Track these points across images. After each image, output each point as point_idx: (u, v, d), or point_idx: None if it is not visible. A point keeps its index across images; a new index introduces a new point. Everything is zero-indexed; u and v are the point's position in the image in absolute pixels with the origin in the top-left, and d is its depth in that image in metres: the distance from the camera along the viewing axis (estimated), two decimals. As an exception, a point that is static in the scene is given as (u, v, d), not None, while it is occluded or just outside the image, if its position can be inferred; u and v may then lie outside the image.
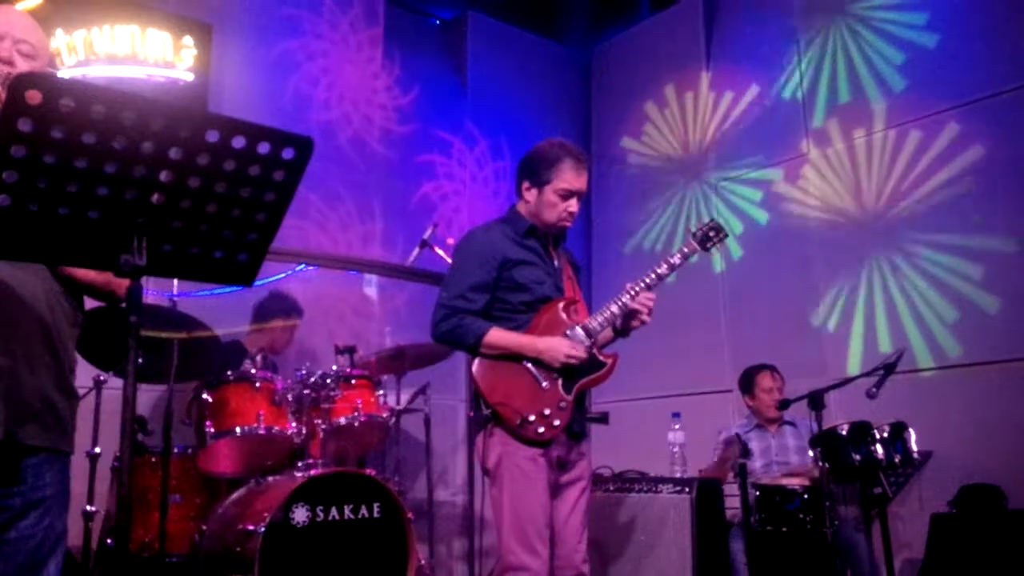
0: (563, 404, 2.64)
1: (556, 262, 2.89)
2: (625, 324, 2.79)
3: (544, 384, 2.64)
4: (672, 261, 2.84)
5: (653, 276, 2.79)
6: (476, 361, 2.69)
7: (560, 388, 2.65)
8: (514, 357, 2.66)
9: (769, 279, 5.28)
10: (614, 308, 2.75)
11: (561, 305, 2.78)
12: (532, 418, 2.59)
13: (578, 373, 2.68)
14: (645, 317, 2.76)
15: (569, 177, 2.76)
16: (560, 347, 2.64)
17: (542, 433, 2.59)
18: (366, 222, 5.37)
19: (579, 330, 2.71)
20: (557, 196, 2.77)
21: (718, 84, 5.83)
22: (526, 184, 2.84)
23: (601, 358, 2.73)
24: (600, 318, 2.74)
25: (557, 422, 2.61)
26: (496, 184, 5.97)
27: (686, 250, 2.90)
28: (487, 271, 2.73)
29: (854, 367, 4.65)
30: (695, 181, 5.81)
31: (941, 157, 4.59)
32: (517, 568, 2.53)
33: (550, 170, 2.77)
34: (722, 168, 5.68)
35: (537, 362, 2.66)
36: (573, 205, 2.79)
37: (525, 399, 2.62)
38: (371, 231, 5.38)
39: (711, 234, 2.99)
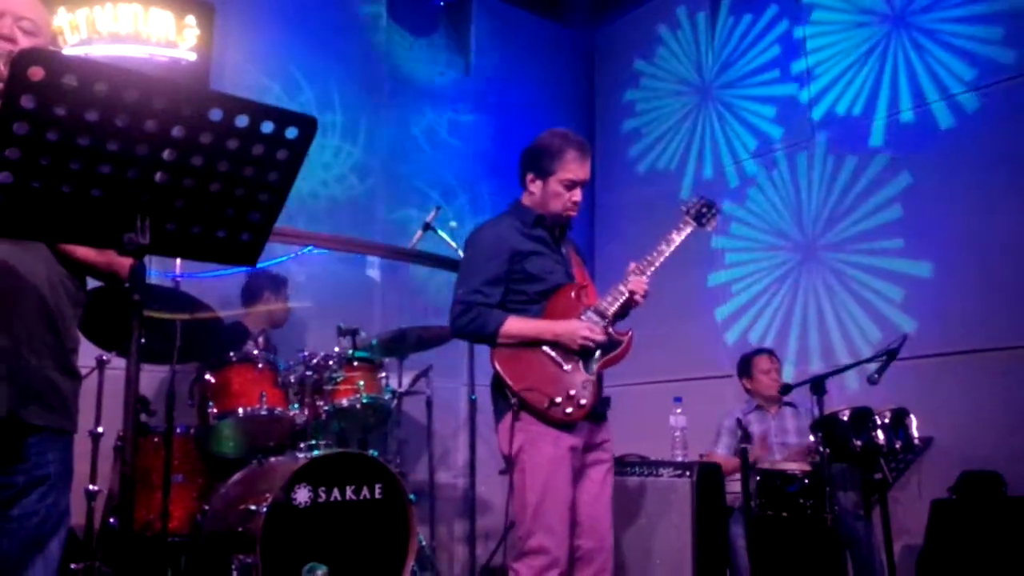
0: (587, 384, 2.68)
1: (564, 250, 2.93)
2: (624, 307, 2.82)
3: (566, 367, 2.69)
4: (672, 238, 2.90)
5: (657, 258, 2.85)
6: (496, 352, 2.72)
7: (582, 368, 2.70)
8: (533, 344, 2.70)
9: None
10: (622, 288, 2.80)
11: (572, 290, 2.83)
12: (559, 400, 2.62)
13: (597, 353, 2.72)
14: (639, 299, 2.80)
15: (574, 167, 2.81)
16: (577, 329, 2.69)
17: (570, 414, 2.62)
18: (370, 204, 5.35)
19: (592, 312, 2.75)
20: (562, 186, 2.81)
21: (721, 67, 5.80)
22: (531, 176, 2.87)
23: (617, 336, 2.78)
24: (610, 298, 2.78)
25: (584, 401, 2.65)
26: (499, 167, 5.94)
27: (683, 227, 2.95)
28: (499, 264, 2.77)
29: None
30: (701, 168, 5.80)
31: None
32: (536, 552, 2.54)
33: (554, 161, 2.81)
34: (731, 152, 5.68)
35: (556, 346, 2.70)
36: (577, 195, 2.84)
37: (550, 383, 2.65)
38: (374, 213, 5.37)
39: (703, 210, 3.03)
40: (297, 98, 5.06)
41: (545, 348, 2.70)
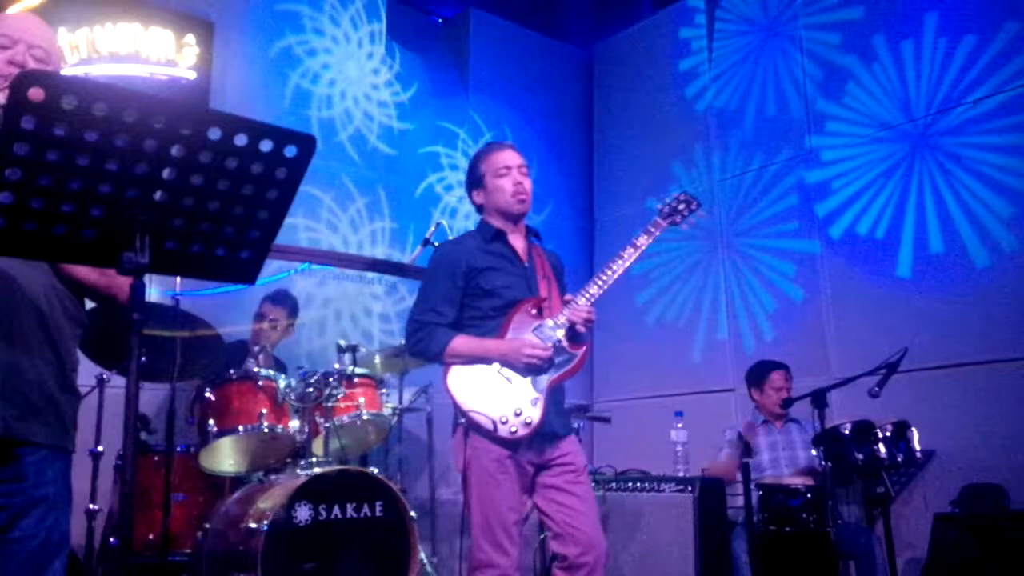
0: (535, 400, 2.63)
1: (529, 263, 2.86)
2: (572, 332, 2.73)
3: (515, 384, 2.64)
4: (637, 243, 2.80)
5: (614, 271, 2.75)
6: (448, 371, 2.69)
7: (531, 385, 2.65)
8: (484, 361, 2.67)
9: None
10: (567, 313, 2.72)
11: (529, 305, 2.75)
12: (505, 419, 2.59)
13: (547, 368, 2.66)
14: (580, 328, 2.72)
15: (494, 158, 2.85)
16: (520, 348, 2.63)
17: (515, 432, 2.59)
18: (369, 219, 5.36)
19: (545, 328, 2.69)
20: (498, 178, 2.83)
21: (720, 80, 5.83)
22: (474, 192, 2.92)
23: (570, 350, 2.70)
24: (566, 311, 2.71)
25: (530, 419, 2.60)
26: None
27: (652, 229, 2.85)
28: (453, 282, 2.76)
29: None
30: (702, 176, 5.82)
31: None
32: (486, 565, 2.57)
33: (479, 165, 2.88)
34: (725, 168, 5.69)
35: (506, 364, 2.67)
36: (516, 175, 2.82)
37: (496, 401, 2.62)
38: (375, 228, 5.38)
39: (679, 207, 2.94)
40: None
41: (495, 366, 2.66)
